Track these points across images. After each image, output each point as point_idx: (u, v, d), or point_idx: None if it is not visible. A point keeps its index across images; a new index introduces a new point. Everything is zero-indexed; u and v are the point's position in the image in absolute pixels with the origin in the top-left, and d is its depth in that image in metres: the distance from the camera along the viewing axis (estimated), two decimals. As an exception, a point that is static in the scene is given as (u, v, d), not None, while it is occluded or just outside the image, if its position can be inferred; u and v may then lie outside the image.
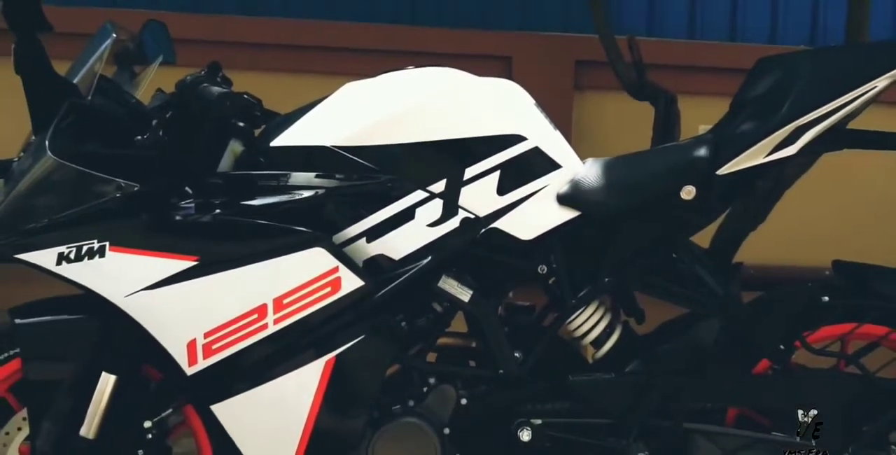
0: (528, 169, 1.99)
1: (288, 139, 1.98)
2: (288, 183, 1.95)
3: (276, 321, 1.89)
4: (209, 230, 1.89)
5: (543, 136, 2.02)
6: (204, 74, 2.06)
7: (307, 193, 1.91)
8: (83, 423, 1.93)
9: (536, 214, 1.99)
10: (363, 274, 1.91)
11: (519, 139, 1.99)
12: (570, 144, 2.06)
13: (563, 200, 2.00)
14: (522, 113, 2.03)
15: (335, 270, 1.89)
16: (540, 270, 2.05)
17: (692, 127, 2.88)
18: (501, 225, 1.98)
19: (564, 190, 2.00)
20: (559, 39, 3.70)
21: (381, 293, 1.93)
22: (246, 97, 2.00)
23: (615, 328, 2.12)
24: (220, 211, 1.90)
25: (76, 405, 1.94)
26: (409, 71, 2.09)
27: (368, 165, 1.95)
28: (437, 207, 1.96)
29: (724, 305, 2.06)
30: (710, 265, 2.12)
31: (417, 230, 1.96)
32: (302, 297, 1.89)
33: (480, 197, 1.97)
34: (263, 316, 1.89)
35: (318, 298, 1.89)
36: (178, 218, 1.89)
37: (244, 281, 1.88)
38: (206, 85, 1.96)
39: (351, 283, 1.90)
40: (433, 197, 1.96)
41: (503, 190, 1.98)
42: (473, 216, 1.97)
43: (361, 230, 1.95)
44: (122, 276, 1.87)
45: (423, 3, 3.88)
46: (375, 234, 1.95)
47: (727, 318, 2.06)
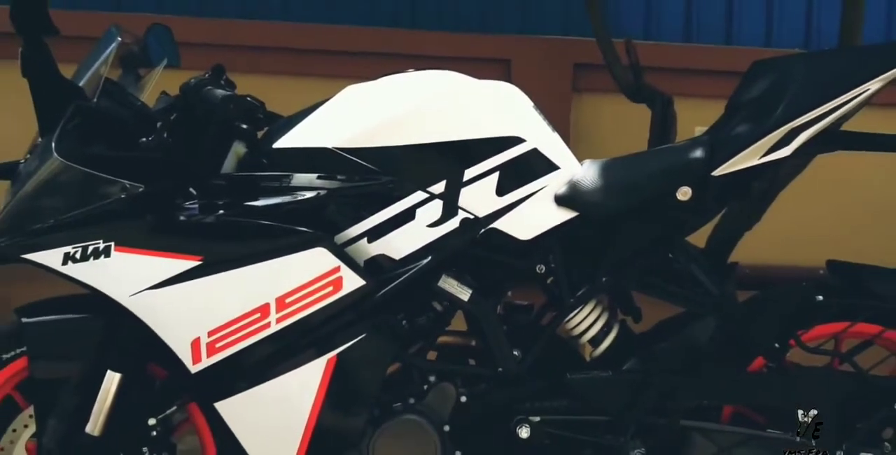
0: (526, 170, 2.00)
1: (290, 141, 1.99)
2: (290, 184, 1.95)
3: (278, 320, 1.89)
4: (213, 230, 1.90)
5: (542, 137, 2.02)
6: (208, 77, 2.07)
7: (309, 194, 1.92)
8: (88, 420, 1.93)
9: (535, 215, 2.00)
10: (364, 273, 1.92)
11: (518, 141, 1.99)
12: (568, 146, 2.06)
13: (561, 201, 2.00)
14: (521, 115, 2.03)
15: (337, 270, 1.90)
16: (538, 270, 2.05)
17: (688, 129, 2.87)
18: (500, 225, 1.99)
19: (562, 191, 2.01)
20: (557, 43, 3.69)
21: (381, 292, 1.93)
22: (249, 100, 2.00)
23: (612, 327, 2.13)
24: (223, 211, 1.90)
25: (82, 403, 1.94)
26: (409, 74, 2.09)
27: (369, 167, 1.95)
28: (437, 208, 1.96)
29: (719, 304, 2.07)
30: (705, 265, 2.12)
31: (418, 230, 1.96)
32: (304, 296, 1.89)
33: (480, 198, 1.98)
34: (266, 315, 1.89)
35: (319, 298, 1.90)
36: (182, 218, 1.90)
37: (247, 280, 1.88)
38: (209, 88, 1.97)
39: (352, 282, 1.90)
40: (433, 198, 1.96)
41: (502, 191, 1.98)
42: (473, 217, 1.98)
43: (362, 230, 1.96)
44: (127, 275, 1.87)
45: (423, 6, 3.87)
46: (376, 234, 1.96)
47: (723, 316, 2.06)
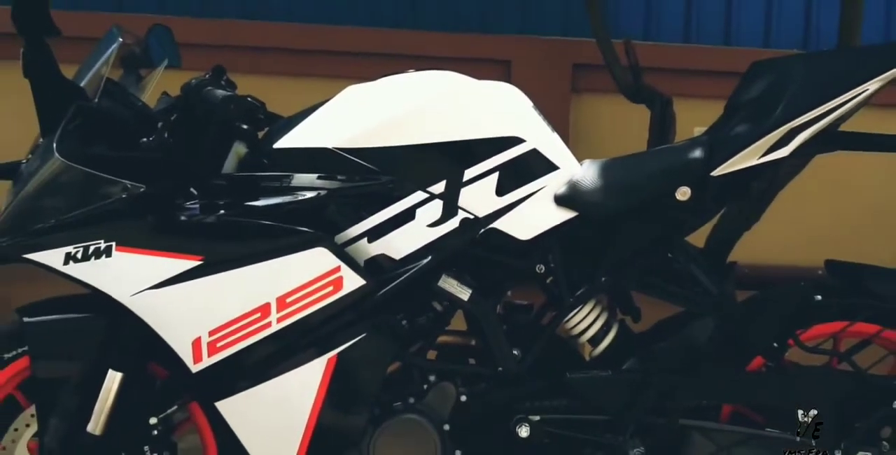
0: (526, 170, 2.00)
1: (291, 141, 1.99)
2: (291, 184, 1.95)
3: (279, 320, 1.89)
4: (213, 230, 1.90)
5: (541, 138, 2.02)
6: (208, 78, 2.06)
7: (310, 194, 1.92)
8: (90, 419, 1.93)
9: (534, 215, 2.00)
10: (364, 273, 1.91)
11: (517, 141, 1.99)
12: (567, 146, 2.06)
13: (560, 201, 2.00)
14: (521, 115, 2.03)
15: (337, 270, 1.89)
16: (538, 270, 2.05)
17: (687, 129, 2.87)
18: (500, 225, 1.99)
19: (562, 191, 2.01)
20: (557, 43, 3.69)
21: (382, 292, 1.93)
22: (249, 100, 2.00)
23: (612, 326, 2.13)
24: (224, 211, 1.90)
25: (83, 402, 1.94)
26: (409, 74, 2.09)
27: (370, 167, 1.95)
28: (437, 208, 1.96)
29: (718, 304, 2.07)
30: (704, 265, 2.12)
31: (418, 230, 1.96)
32: (304, 296, 1.89)
33: (479, 198, 1.98)
34: (267, 314, 1.89)
35: (320, 297, 1.89)
36: (183, 218, 1.90)
37: (248, 280, 1.88)
38: (210, 88, 1.96)
39: (352, 282, 1.90)
40: (433, 198, 1.96)
41: (502, 191, 1.98)
42: (473, 216, 1.97)
43: (363, 230, 1.95)
44: (128, 275, 1.87)
45: (423, 7, 3.87)
46: (376, 234, 1.96)
47: (722, 316, 2.06)
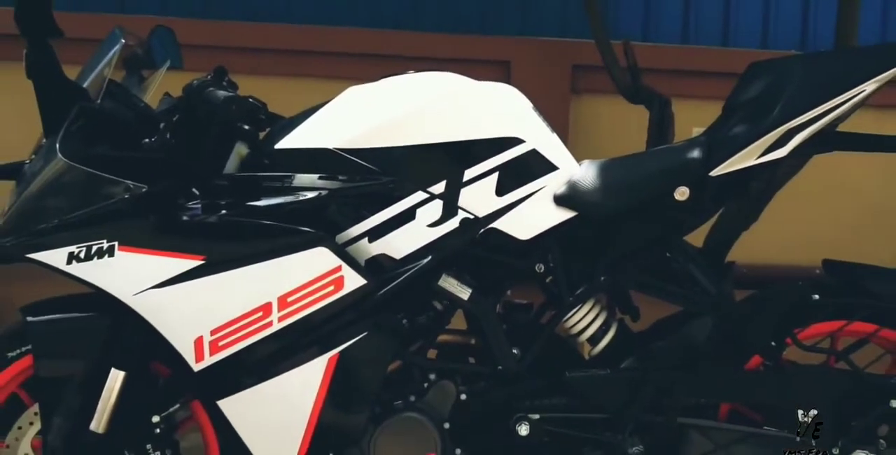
0: (525, 170, 1.99)
1: (292, 142, 1.98)
2: (292, 184, 1.95)
3: (280, 319, 1.89)
4: (215, 230, 1.89)
5: (541, 138, 2.02)
6: (210, 79, 2.06)
7: (311, 194, 1.91)
8: (93, 418, 1.93)
9: (534, 215, 1.99)
10: (365, 273, 1.91)
11: (517, 142, 1.99)
12: (566, 147, 2.06)
13: (559, 201, 2.00)
14: (520, 116, 2.03)
15: (338, 269, 1.89)
16: (537, 269, 2.05)
17: (686, 129, 2.87)
18: (500, 225, 1.98)
19: (561, 191, 2.00)
20: (556, 44, 3.69)
21: (382, 291, 1.93)
22: (251, 101, 1.99)
23: (611, 326, 2.12)
24: (225, 211, 1.90)
25: (86, 401, 1.94)
26: (409, 75, 2.09)
27: (370, 167, 1.95)
28: (437, 208, 1.96)
29: (716, 303, 2.06)
30: (703, 264, 2.12)
31: (418, 230, 1.95)
32: (305, 295, 1.89)
33: (479, 198, 1.97)
34: (268, 314, 1.89)
35: (321, 297, 1.89)
36: (185, 218, 1.89)
37: (249, 280, 1.88)
38: (212, 89, 1.96)
39: (353, 281, 1.90)
40: (433, 198, 1.96)
41: (502, 191, 1.98)
42: (472, 216, 1.97)
43: (363, 230, 1.95)
44: (130, 274, 1.87)
45: (423, 8, 3.87)
46: (377, 234, 1.95)
47: (720, 315, 2.06)
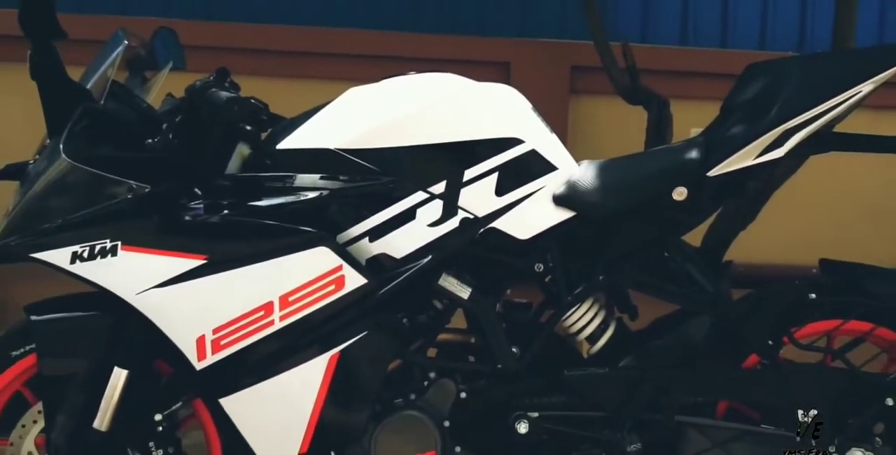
0: (525, 171, 2.00)
1: (293, 142, 1.99)
2: (293, 184, 1.95)
3: (281, 318, 1.89)
4: (217, 230, 1.90)
5: (540, 139, 2.02)
6: (212, 80, 2.06)
7: (312, 194, 1.92)
8: (96, 416, 1.93)
9: (533, 215, 2.00)
10: (366, 272, 1.91)
11: (516, 142, 1.99)
12: (566, 147, 2.06)
13: (559, 201, 2.00)
14: (520, 117, 2.03)
15: (339, 269, 1.89)
16: (537, 269, 2.05)
17: (684, 130, 2.87)
18: (499, 225, 1.99)
19: (560, 191, 2.01)
20: (556, 46, 3.70)
21: (383, 291, 1.93)
22: (253, 102, 2.00)
23: (609, 324, 2.13)
24: (227, 211, 1.90)
25: (89, 399, 1.94)
26: (410, 76, 2.09)
27: (371, 167, 1.95)
28: (437, 208, 1.96)
29: (714, 302, 2.07)
30: (701, 264, 2.12)
31: (418, 230, 1.96)
32: (307, 294, 1.89)
33: (479, 198, 1.98)
34: (270, 313, 1.89)
35: (322, 296, 1.89)
36: (187, 218, 1.90)
37: (251, 279, 1.88)
38: (214, 90, 1.97)
39: (354, 281, 1.90)
40: (433, 198, 1.96)
41: (501, 191, 1.98)
42: (472, 216, 1.98)
43: (364, 230, 1.95)
44: (133, 274, 1.87)
45: (424, 10, 3.88)
46: (378, 233, 1.96)
47: (717, 314, 2.06)
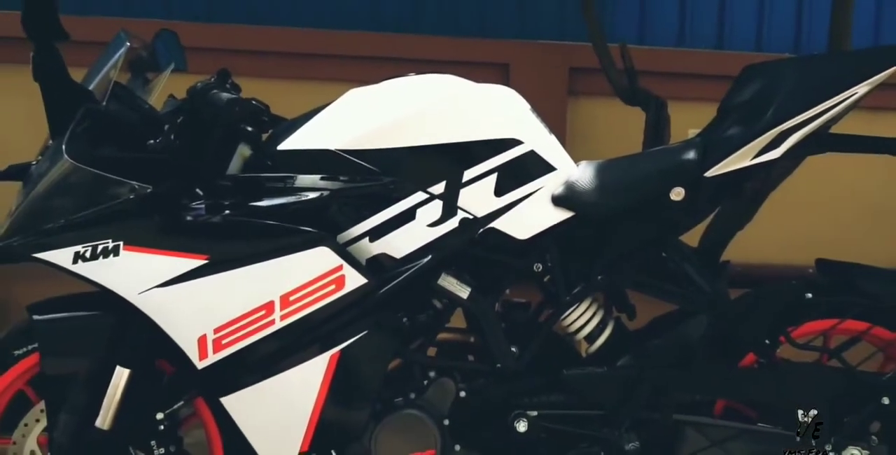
0: (524, 171, 1.99)
1: (294, 143, 1.98)
2: (294, 185, 1.95)
3: (282, 317, 1.89)
4: (219, 230, 1.89)
5: (539, 139, 2.02)
6: (214, 81, 2.06)
7: (312, 195, 1.91)
8: (98, 414, 1.93)
9: (532, 215, 2.00)
10: (366, 272, 1.91)
11: (515, 143, 1.99)
12: (564, 148, 2.06)
13: (557, 201, 2.00)
14: (519, 118, 2.03)
15: (339, 268, 1.89)
16: (535, 268, 2.05)
17: (682, 131, 2.87)
18: (499, 225, 1.98)
19: (559, 191, 2.00)
20: (554, 47, 3.69)
21: (383, 290, 1.93)
22: (254, 103, 2.00)
23: (607, 324, 2.12)
24: (229, 212, 1.90)
25: (91, 398, 1.94)
26: (410, 78, 2.09)
27: (371, 168, 1.95)
28: (436, 208, 1.96)
29: (711, 302, 2.06)
30: (698, 264, 2.11)
31: (418, 230, 1.96)
32: (307, 294, 1.89)
33: (478, 198, 1.97)
34: (271, 312, 1.89)
35: (322, 295, 1.89)
36: (188, 218, 1.90)
37: (252, 279, 1.88)
38: (215, 91, 1.96)
39: (354, 280, 1.90)
40: (433, 198, 1.96)
41: (500, 191, 1.98)
42: (472, 217, 1.97)
43: (364, 230, 1.95)
44: (135, 274, 1.87)
45: (424, 12, 3.87)
46: (378, 233, 1.95)
47: (715, 314, 2.06)
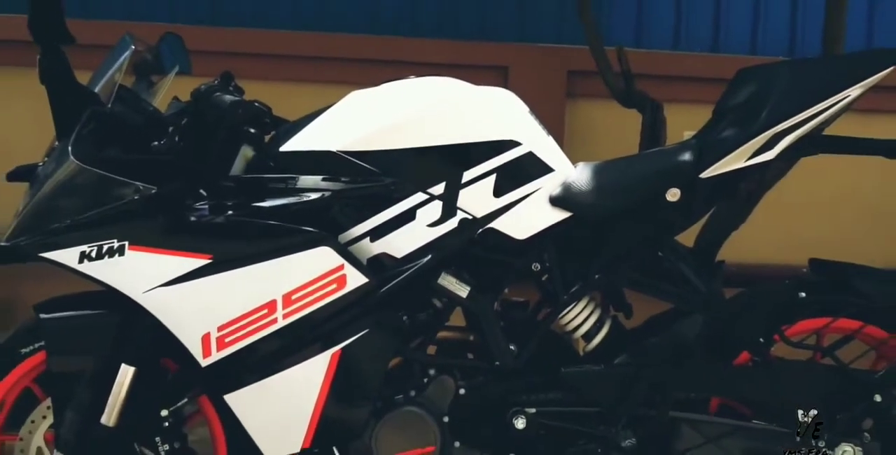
0: (522, 172, 2.00)
1: (296, 144, 1.99)
2: (296, 186, 1.95)
3: (285, 316, 1.89)
4: (222, 230, 1.90)
5: (537, 141, 2.02)
6: (217, 84, 2.06)
7: (314, 195, 1.92)
8: (104, 411, 1.93)
9: (530, 215, 2.00)
10: (367, 271, 1.91)
11: (514, 144, 1.99)
12: (562, 149, 2.06)
13: (555, 202, 2.00)
14: (517, 119, 2.03)
15: (340, 268, 1.89)
16: (534, 268, 2.05)
17: (677, 133, 2.88)
18: (497, 225, 1.99)
19: (557, 192, 2.01)
20: (552, 50, 3.70)
21: (383, 290, 1.93)
22: (257, 105, 2.00)
23: (604, 322, 2.13)
24: (232, 212, 1.90)
25: (97, 395, 1.94)
26: (410, 80, 2.09)
27: (372, 169, 1.95)
28: (436, 209, 1.96)
29: (707, 301, 2.07)
30: (694, 263, 2.12)
31: (418, 230, 1.96)
32: (309, 293, 1.89)
33: (477, 199, 1.98)
34: (273, 311, 1.89)
35: (324, 294, 1.89)
36: (192, 219, 1.90)
37: (255, 278, 1.88)
38: (219, 93, 1.97)
39: (355, 280, 1.90)
40: (433, 199, 1.96)
41: (499, 192, 1.98)
42: (471, 217, 1.98)
43: (365, 230, 1.95)
44: (140, 273, 1.87)
45: (423, 15, 3.88)
46: (378, 233, 1.96)
47: (710, 313, 2.06)
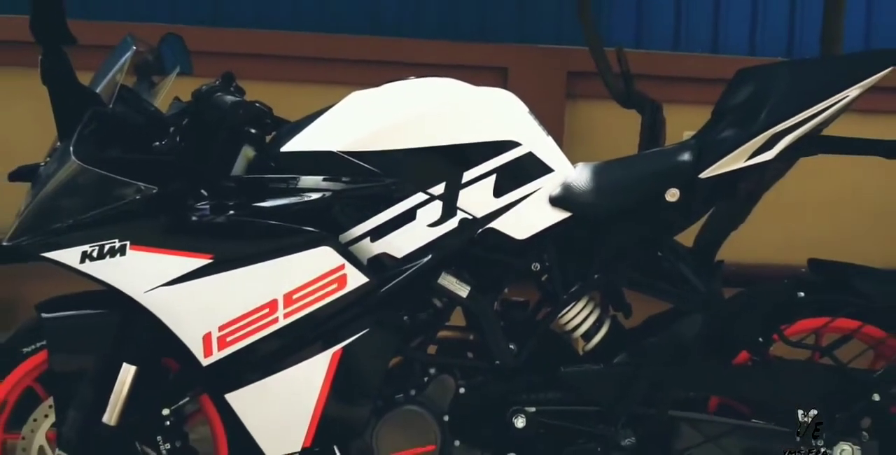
0: (522, 172, 1.99)
1: (297, 145, 1.99)
2: (297, 186, 1.95)
3: (285, 315, 1.89)
4: (223, 230, 1.90)
5: (537, 141, 2.02)
6: (218, 84, 2.06)
7: (315, 196, 1.92)
8: (105, 410, 1.93)
9: (530, 215, 2.00)
10: (367, 271, 1.91)
11: (514, 145, 1.99)
12: (561, 150, 2.06)
13: (555, 202, 2.00)
14: (517, 120, 2.03)
15: (341, 268, 1.89)
16: (533, 268, 2.05)
17: (677, 133, 2.88)
18: (497, 225, 1.98)
19: (556, 192, 2.01)
20: (552, 51, 3.70)
21: (384, 289, 1.93)
22: (258, 105, 2.00)
23: (604, 322, 2.13)
24: (233, 212, 1.90)
25: (99, 394, 1.94)
26: (410, 81, 2.09)
27: (372, 169, 1.95)
28: (436, 209, 1.96)
29: (706, 301, 2.07)
30: (693, 263, 2.12)
31: (418, 230, 1.96)
32: (310, 292, 1.89)
33: (477, 199, 1.97)
34: (274, 310, 1.89)
35: (325, 294, 1.89)
36: (193, 219, 1.90)
37: (256, 278, 1.88)
38: (220, 94, 1.97)
39: (356, 279, 1.90)
40: (433, 199, 1.96)
41: (499, 192, 1.98)
42: (471, 217, 1.97)
43: (366, 230, 1.95)
44: (141, 273, 1.87)
45: (424, 16, 3.88)
46: (379, 233, 1.96)
47: (709, 312, 2.06)
